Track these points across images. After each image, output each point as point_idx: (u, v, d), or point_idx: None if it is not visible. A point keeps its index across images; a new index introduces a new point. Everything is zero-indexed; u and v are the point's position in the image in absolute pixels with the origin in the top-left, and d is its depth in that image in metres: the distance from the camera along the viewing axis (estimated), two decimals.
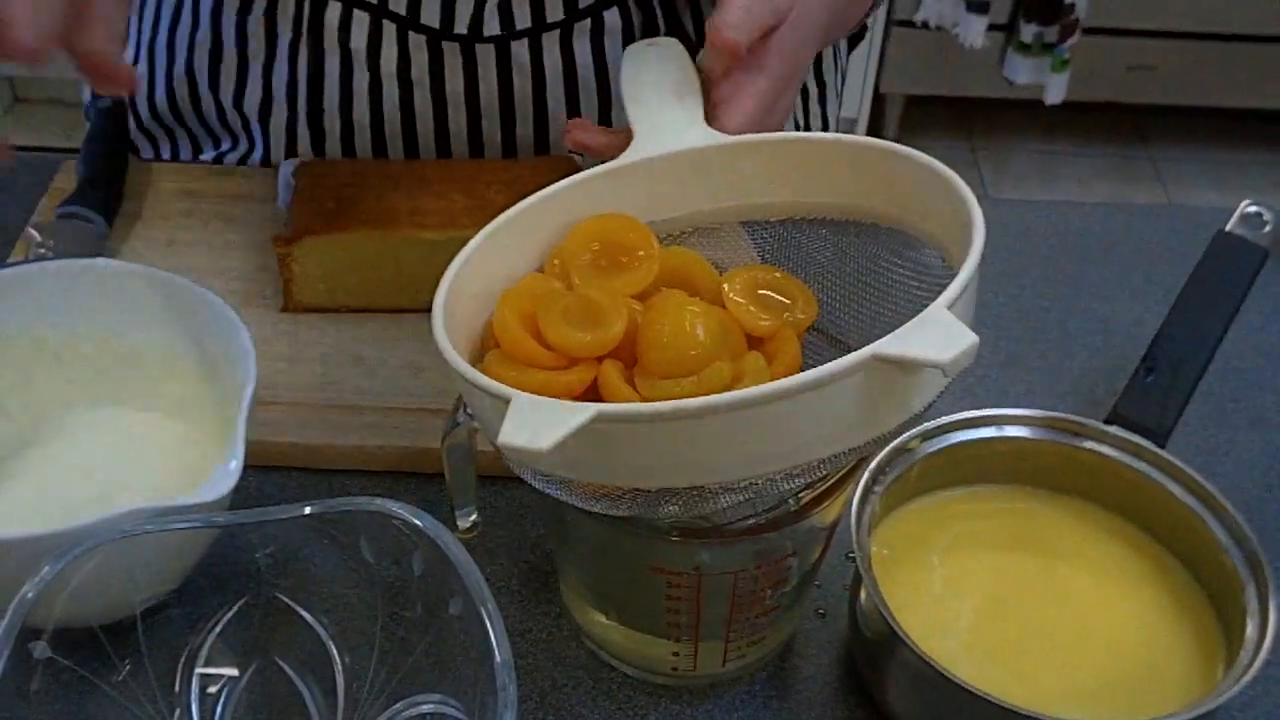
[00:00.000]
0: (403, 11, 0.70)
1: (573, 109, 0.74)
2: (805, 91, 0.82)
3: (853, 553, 0.50)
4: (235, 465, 0.47)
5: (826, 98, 0.83)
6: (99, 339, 0.58)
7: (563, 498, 0.45)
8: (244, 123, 0.77)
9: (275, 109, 0.75)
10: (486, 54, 0.71)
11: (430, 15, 0.70)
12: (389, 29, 0.70)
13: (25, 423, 0.58)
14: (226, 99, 0.76)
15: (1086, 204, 0.88)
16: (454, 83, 0.72)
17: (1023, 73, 2.09)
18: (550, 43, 0.72)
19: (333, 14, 0.70)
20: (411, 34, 0.70)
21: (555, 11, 0.71)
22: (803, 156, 0.51)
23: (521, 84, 0.73)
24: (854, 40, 0.85)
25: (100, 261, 0.59)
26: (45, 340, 0.58)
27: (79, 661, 0.44)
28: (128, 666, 0.45)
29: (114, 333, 0.58)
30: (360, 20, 0.70)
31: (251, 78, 0.74)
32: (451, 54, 0.71)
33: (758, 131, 0.53)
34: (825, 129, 0.83)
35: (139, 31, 0.79)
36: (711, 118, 0.53)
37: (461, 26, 0.70)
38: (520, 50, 0.71)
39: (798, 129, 0.80)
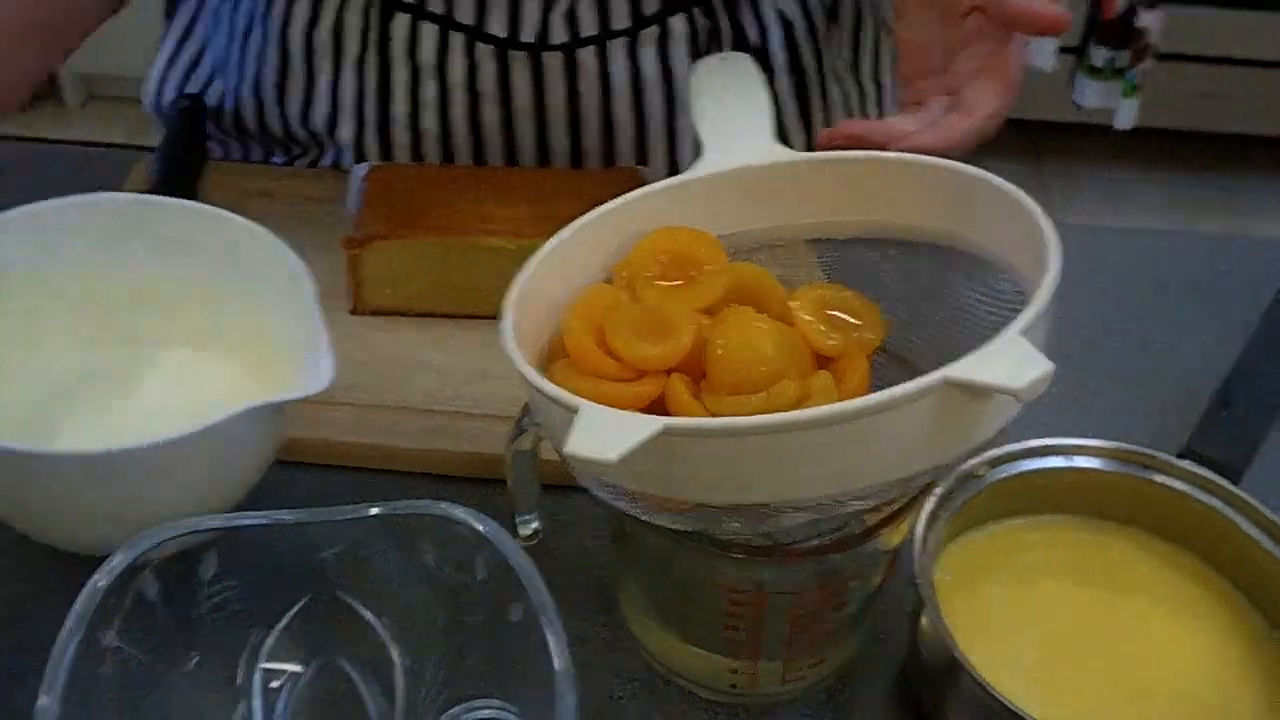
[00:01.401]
0: (470, 21, 0.70)
1: (640, 118, 0.74)
2: (863, 93, 0.82)
3: (916, 578, 0.49)
4: (328, 361, 0.50)
5: (884, 100, 0.83)
6: (136, 276, 0.59)
7: (626, 509, 0.45)
8: (311, 136, 0.78)
9: (342, 122, 0.75)
10: (554, 63, 0.72)
11: (497, 25, 0.70)
12: (456, 40, 0.71)
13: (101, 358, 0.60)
14: (293, 115, 0.77)
15: (1158, 231, 0.87)
16: (522, 92, 0.72)
17: (1091, 96, 2.07)
18: (617, 50, 0.72)
19: (400, 26, 0.71)
20: (479, 44, 0.71)
21: (621, 19, 0.71)
22: (873, 175, 0.51)
23: (589, 93, 0.73)
24: None
25: (129, 196, 0.60)
26: (90, 278, 0.59)
27: (147, 650, 0.44)
28: (195, 657, 0.46)
29: (155, 270, 0.59)
30: (429, 32, 0.71)
31: (318, 92, 0.75)
32: (519, 64, 0.72)
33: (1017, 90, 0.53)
34: None
35: (216, 48, 0.80)
36: (966, 90, 0.54)
37: (529, 35, 0.71)
38: (588, 59, 0.72)
39: None
